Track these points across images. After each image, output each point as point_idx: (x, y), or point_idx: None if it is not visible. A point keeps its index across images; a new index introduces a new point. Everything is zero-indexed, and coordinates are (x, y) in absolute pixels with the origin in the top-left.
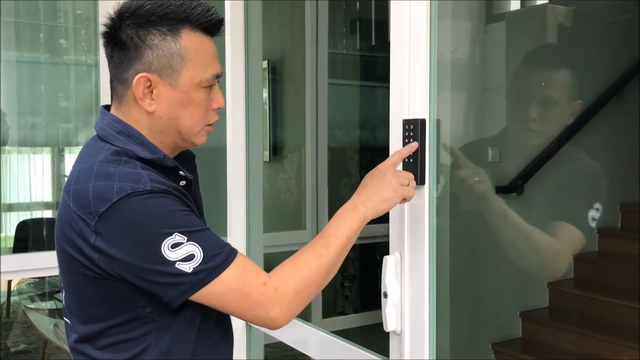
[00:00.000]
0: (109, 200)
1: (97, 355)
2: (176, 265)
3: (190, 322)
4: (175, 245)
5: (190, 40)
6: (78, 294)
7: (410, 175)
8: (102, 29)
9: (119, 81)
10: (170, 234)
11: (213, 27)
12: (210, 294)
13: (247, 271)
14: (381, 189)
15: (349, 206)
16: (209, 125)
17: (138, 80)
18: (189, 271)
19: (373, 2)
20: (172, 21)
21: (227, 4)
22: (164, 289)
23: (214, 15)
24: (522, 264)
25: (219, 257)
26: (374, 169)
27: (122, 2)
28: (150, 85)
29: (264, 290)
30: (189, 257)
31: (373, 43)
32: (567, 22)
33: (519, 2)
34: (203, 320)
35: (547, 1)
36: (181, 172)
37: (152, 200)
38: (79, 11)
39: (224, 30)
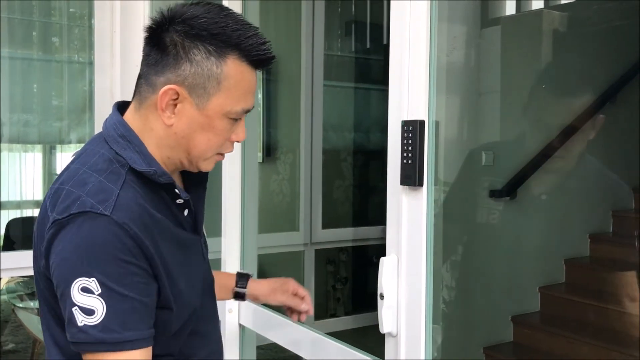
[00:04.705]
0: (69, 210)
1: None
2: (73, 309)
3: (162, 346)
4: (85, 290)
5: (234, 69)
6: (42, 294)
7: None
8: (148, 22)
9: (147, 82)
10: (89, 277)
11: (262, 62)
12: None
13: None
14: None
15: None
16: (220, 154)
17: (166, 91)
18: (79, 324)
19: (368, 4)
20: (222, 43)
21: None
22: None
23: (266, 51)
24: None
25: (112, 335)
26: None
27: (176, 2)
28: (177, 99)
29: None
30: (88, 311)
31: (368, 46)
32: (562, 27)
33: (514, 7)
34: (165, 327)
35: (542, 6)
36: (176, 190)
37: (102, 231)
38: (72, 9)
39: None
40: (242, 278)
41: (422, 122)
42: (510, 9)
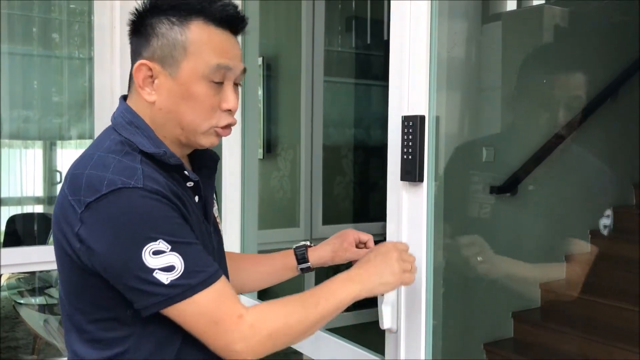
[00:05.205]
0: (98, 191)
1: (79, 349)
2: (154, 274)
3: (174, 329)
4: (157, 252)
5: (199, 32)
6: (66, 282)
7: (413, 258)
8: (129, 17)
9: (131, 69)
10: (155, 240)
11: (228, 20)
12: (180, 311)
13: (224, 298)
14: (384, 272)
15: (348, 276)
16: (222, 127)
17: (138, 67)
18: (166, 282)
19: (369, 0)
20: (184, 12)
21: None
22: (137, 295)
23: (230, 9)
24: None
25: (199, 275)
26: (380, 245)
27: None
28: (152, 75)
29: (237, 322)
30: (169, 268)
31: (369, 41)
32: (563, 23)
33: (515, 3)
34: (187, 334)
35: (543, 2)
36: (185, 172)
37: (142, 201)
38: (72, 5)
39: (244, 26)
40: (300, 251)
41: (422, 118)
42: (511, 4)
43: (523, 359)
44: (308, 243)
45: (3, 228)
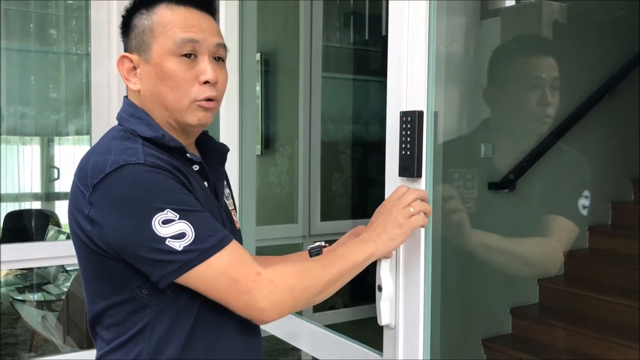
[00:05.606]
0: (103, 172)
1: (103, 334)
2: (166, 242)
3: (188, 307)
4: (166, 222)
5: (162, 15)
6: (83, 270)
7: (414, 196)
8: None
9: None
10: (162, 210)
11: None
12: (197, 277)
13: (239, 258)
14: (388, 227)
15: (359, 239)
16: (206, 100)
17: (119, 60)
18: (179, 249)
19: None
20: (151, 2)
21: None
22: (153, 266)
23: None
24: (512, 272)
25: (210, 239)
26: (380, 206)
27: None
28: (135, 66)
29: (256, 279)
30: (180, 235)
31: (367, 37)
32: (562, 18)
33: None
34: (202, 306)
35: None
36: (188, 155)
37: (146, 174)
38: (69, 1)
39: (211, 4)
40: (315, 252)
41: (420, 113)
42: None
43: (521, 354)
44: (323, 243)
45: (1, 224)
